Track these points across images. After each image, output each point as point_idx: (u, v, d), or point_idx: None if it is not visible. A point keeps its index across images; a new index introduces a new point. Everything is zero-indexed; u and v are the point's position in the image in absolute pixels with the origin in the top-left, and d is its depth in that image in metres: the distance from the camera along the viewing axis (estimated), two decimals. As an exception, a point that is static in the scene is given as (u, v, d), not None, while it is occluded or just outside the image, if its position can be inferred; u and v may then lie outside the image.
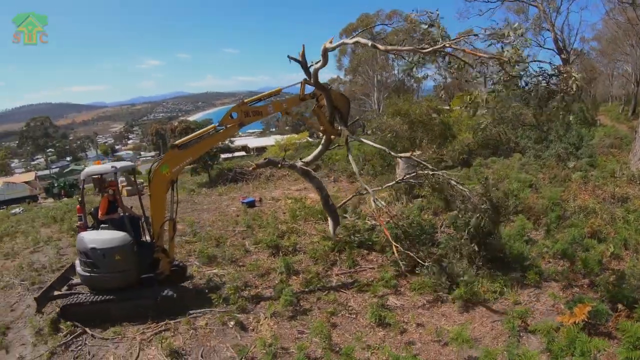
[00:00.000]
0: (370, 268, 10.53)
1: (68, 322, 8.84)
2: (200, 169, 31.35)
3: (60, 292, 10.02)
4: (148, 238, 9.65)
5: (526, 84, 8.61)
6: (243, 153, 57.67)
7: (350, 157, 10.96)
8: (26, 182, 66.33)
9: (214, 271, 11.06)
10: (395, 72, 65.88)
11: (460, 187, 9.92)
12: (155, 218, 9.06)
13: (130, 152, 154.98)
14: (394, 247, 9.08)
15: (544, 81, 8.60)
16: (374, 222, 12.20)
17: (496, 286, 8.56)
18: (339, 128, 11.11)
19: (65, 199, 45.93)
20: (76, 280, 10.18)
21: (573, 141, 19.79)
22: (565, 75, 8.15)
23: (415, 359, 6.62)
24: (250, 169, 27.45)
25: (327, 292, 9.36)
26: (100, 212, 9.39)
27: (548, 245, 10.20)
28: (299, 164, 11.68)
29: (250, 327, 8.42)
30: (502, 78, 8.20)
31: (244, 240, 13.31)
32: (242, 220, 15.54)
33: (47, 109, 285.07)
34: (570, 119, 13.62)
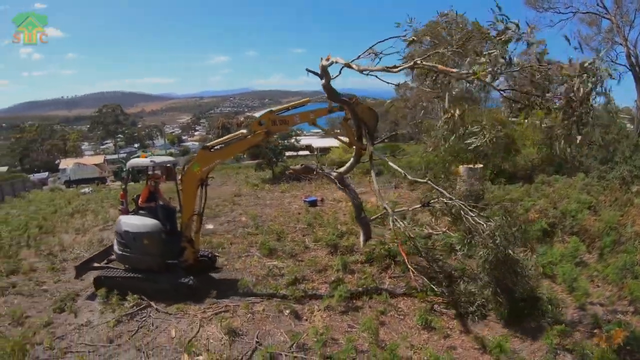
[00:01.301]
0: (421, 274, 10.67)
1: (135, 295, 9.70)
2: (265, 166, 31.95)
3: (98, 265, 11.19)
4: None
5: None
6: (307, 152, 58.20)
7: (372, 174, 10.85)
8: (96, 165, 69.80)
9: (274, 263, 11.73)
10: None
11: (473, 220, 9.00)
12: (185, 211, 9.95)
13: (197, 143, 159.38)
14: (409, 268, 9.24)
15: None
16: (430, 230, 12.46)
17: (541, 304, 8.64)
18: (365, 143, 10.85)
19: (132, 183, 48.40)
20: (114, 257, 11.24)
21: (639, 164, 19.02)
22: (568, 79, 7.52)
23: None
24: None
25: (379, 292, 9.68)
26: (140, 200, 10.48)
27: (599, 269, 10.17)
28: (333, 174, 11.89)
29: (304, 317, 8.95)
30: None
31: (304, 237, 13.92)
32: (303, 218, 16.27)
33: (118, 97, 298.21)
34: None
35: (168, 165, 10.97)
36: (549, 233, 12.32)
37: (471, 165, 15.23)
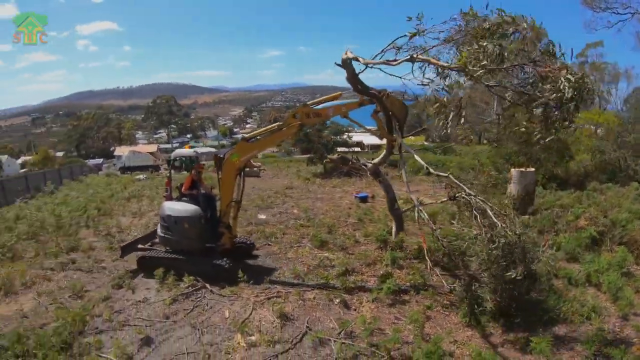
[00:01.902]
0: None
1: (190, 277, 10.31)
2: (317, 160, 32.32)
3: (142, 246, 12.03)
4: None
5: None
6: (358, 149, 58.45)
7: (403, 171, 11.02)
8: (150, 153, 72.20)
9: (325, 254, 12.11)
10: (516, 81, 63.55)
11: (493, 218, 8.84)
12: (223, 198, 10.56)
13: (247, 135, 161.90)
14: (428, 261, 9.39)
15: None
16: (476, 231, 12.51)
17: (584, 310, 8.71)
18: (394, 135, 11.15)
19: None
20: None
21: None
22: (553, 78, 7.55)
23: (494, 357, 7.19)
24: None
25: (426, 288, 9.94)
26: (183, 187, 11.24)
27: (646, 280, 10.08)
28: (368, 164, 12.47)
29: (353, 307, 9.30)
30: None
31: (355, 231, 14.26)
32: (354, 213, 16.66)
33: (172, 89, 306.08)
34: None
35: (218, 155, 11.47)
36: (598, 241, 12.23)
37: (523, 169, 15.22)
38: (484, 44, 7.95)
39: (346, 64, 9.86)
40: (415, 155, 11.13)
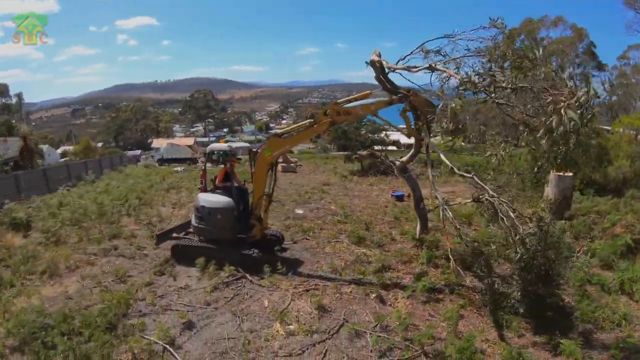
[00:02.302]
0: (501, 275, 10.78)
1: (231, 267, 10.72)
2: (355, 158, 31.90)
3: (176, 236, 12.56)
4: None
5: None
6: (394, 148, 58.36)
7: (428, 165, 11.02)
8: (188, 146, 73.50)
9: (362, 250, 12.37)
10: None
11: (514, 220, 8.91)
12: (255, 192, 11.04)
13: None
14: (451, 258, 9.35)
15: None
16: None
17: (615, 317, 8.80)
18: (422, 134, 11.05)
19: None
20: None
21: None
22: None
23: (524, 357, 7.35)
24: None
25: (460, 287, 10.11)
26: (217, 180, 11.73)
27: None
28: (397, 162, 12.77)
29: (389, 302, 9.57)
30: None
31: (391, 229, 14.49)
32: (390, 211, 16.93)
33: (209, 83, 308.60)
34: None
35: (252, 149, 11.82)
36: (633, 249, 12.15)
37: (561, 173, 15.18)
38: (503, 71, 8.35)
39: (374, 64, 10.44)
40: (442, 155, 11.07)
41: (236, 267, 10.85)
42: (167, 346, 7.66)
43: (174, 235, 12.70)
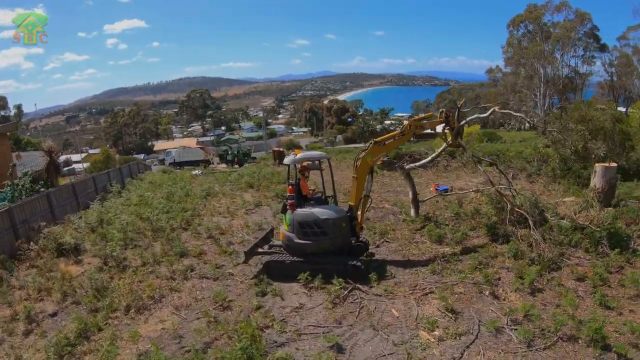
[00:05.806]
0: (582, 260, 11.45)
1: (340, 279, 10.51)
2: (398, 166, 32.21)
3: (262, 250, 12.58)
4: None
5: None
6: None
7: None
8: (201, 148, 73.39)
9: (446, 249, 12.78)
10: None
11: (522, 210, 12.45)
12: (357, 193, 11.83)
13: (282, 126, 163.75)
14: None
15: None
16: (580, 222, 12.73)
17: None
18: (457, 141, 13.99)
19: (237, 166, 49.67)
20: (276, 242, 12.78)
21: None
22: None
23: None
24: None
25: (553, 276, 10.61)
26: (304, 191, 11.97)
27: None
28: (407, 166, 16.74)
29: (502, 297, 9.80)
30: None
31: (458, 225, 14.88)
32: (442, 206, 17.39)
33: (202, 82, 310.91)
34: None
35: (323, 159, 12.86)
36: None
37: (606, 164, 15.64)
38: None
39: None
40: (466, 148, 14.56)
41: (345, 278, 10.76)
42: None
43: (260, 250, 12.57)
